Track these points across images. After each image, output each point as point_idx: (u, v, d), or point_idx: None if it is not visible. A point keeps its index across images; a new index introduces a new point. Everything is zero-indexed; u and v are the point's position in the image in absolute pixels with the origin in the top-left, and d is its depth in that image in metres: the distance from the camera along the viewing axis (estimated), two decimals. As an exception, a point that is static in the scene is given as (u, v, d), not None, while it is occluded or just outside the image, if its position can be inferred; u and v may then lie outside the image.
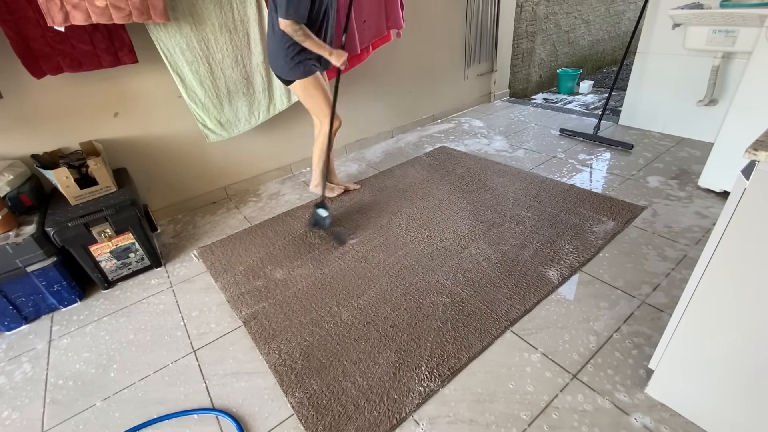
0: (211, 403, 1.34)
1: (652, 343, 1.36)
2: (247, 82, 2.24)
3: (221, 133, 2.29)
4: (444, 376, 1.32)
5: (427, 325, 1.52)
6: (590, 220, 2.01)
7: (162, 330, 1.66)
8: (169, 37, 1.91)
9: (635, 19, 2.94)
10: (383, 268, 1.83)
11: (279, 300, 1.72)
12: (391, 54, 3.08)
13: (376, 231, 2.12)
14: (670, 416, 1.15)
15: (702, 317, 0.99)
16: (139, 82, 2.13)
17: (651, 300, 1.55)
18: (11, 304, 1.69)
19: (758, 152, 0.75)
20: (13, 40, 1.64)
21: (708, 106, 2.56)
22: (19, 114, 1.88)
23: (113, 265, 1.90)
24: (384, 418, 1.22)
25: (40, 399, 1.42)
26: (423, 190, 2.48)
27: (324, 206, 2.11)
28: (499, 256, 1.83)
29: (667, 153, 2.64)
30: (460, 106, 3.86)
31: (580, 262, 1.75)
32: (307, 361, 1.43)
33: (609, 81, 4.82)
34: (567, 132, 3.08)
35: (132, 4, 1.65)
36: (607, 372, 1.30)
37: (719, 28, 2.22)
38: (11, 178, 1.74)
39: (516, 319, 1.51)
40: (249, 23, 2.10)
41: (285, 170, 2.91)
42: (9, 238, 1.61)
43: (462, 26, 3.48)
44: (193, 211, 2.57)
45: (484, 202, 2.28)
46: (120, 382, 1.44)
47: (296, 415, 1.25)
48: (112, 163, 2.13)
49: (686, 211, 2.03)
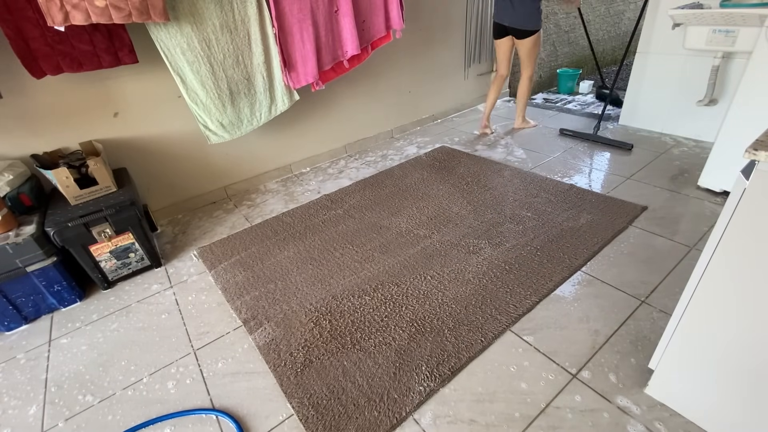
0: (210, 403, 1.34)
1: (651, 343, 1.36)
2: (249, 82, 2.24)
3: (223, 135, 2.29)
4: (444, 375, 1.32)
5: (428, 324, 1.52)
6: (590, 220, 2.01)
7: (162, 330, 1.66)
8: (169, 37, 1.91)
9: (635, 19, 2.95)
10: (383, 268, 1.83)
11: (279, 300, 1.72)
12: (391, 54, 3.08)
13: (376, 231, 2.12)
14: (670, 416, 1.15)
15: (702, 317, 0.99)
16: (139, 82, 2.13)
17: (651, 300, 1.55)
18: (11, 304, 1.69)
19: (758, 152, 0.75)
20: (13, 40, 1.64)
21: (708, 106, 2.56)
22: (19, 114, 1.88)
23: (113, 265, 1.90)
24: (384, 417, 1.22)
25: (40, 399, 1.42)
26: (423, 190, 2.48)
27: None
28: (499, 256, 1.83)
29: (667, 153, 2.64)
30: (460, 105, 3.86)
31: (580, 262, 1.75)
32: (307, 360, 1.43)
33: (609, 81, 4.82)
34: (567, 132, 3.07)
35: (132, 4, 1.65)
36: (606, 372, 1.30)
37: (719, 28, 2.22)
38: (11, 178, 1.74)
39: (516, 318, 1.51)
40: (250, 23, 2.10)
41: (285, 170, 2.91)
42: (9, 238, 1.61)
43: (462, 26, 3.48)
44: (193, 211, 2.57)
45: (484, 201, 2.28)
46: (120, 382, 1.45)
47: (296, 415, 1.25)
48: (112, 163, 2.13)
49: (686, 211, 2.03)
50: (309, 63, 2.33)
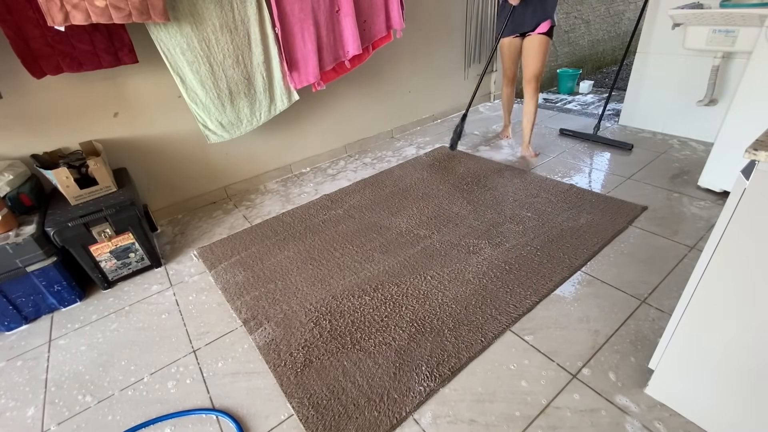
0: (210, 403, 1.34)
1: (651, 343, 1.36)
2: (248, 82, 2.24)
3: (222, 135, 2.29)
4: (444, 375, 1.32)
5: (428, 324, 1.52)
6: (590, 220, 2.01)
7: (162, 330, 1.66)
8: (169, 37, 1.91)
9: (635, 19, 2.94)
10: (383, 268, 1.83)
11: (279, 300, 1.72)
12: (391, 54, 3.08)
13: (376, 231, 2.12)
14: (670, 416, 1.15)
15: (702, 317, 0.99)
16: (139, 82, 2.13)
17: (651, 300, 1.55)
18: (11, 304, 1.69)
19: (758, 152, 0.75)
20: (13, 40, 1.64)
21: (708, 106, 2.56)
22: (19, 114, 1.88)
23: (113, 265, 1.90)
24: (384, 417, 1.22)
25: (40, 399, 1.42)
26: (423, 190, 2.48)
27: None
28: (499, 256, 1.83)
29: (667, 153, 2.64)
30: (461, 106, 3.85)
31: (580, 262, 1.75)
32: (307, 360, 1.43)
33: (609, 81, 4.82)
34: (567, 132, 3.07)
35: (132, 4, 1.65)
36: (606, 372, 1.30)
37: (719, 28, 2.22)
38: (11, 178, 1.74)
39: (516, 318, 1.51)
40: (249, 23, 2.10)
41: (285, 170, 2.91)
42: (9, 238, 1.61)
43: (462, 26, 3.48)
44: (193, 211, 2.57)
45: (484, 201, 2.28)
46: (120, 382, 1.44)
47: (296, 415, 1.25)
48: (112, 163, 2.13)
49: (686, 211, 2.03)
50: (310, 63, 2.33)
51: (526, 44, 2.48)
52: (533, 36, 2.42)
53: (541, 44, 2.41)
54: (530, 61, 2.48)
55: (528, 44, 2.47)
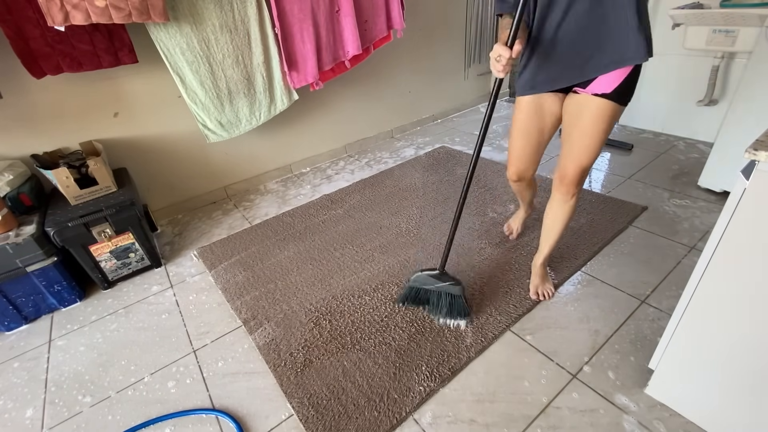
0: (211, 403, 1.34)
1: (651, 343, 1.36)
2: (248, 82, 2.24)
3: (222, 134, 2.29)
4: (444, 375, 1.32)
5: (428, 324, 1.52)
6: (590, 220, 2.01)
7: (162, 330, 1.65)
8: (169, 37, 1.91)
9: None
10: (383, 268, 1.83)
11: (279, 300, 1.72)
12: (391, 54, 3.08)
13: (376, 231, 2.12)
14: (670, 416, 1.15)
15: (702, 317, 0.99)
16: (139, 82, 2.13)
17: (651, 300, 1.55)
18: (11, 304, 1.69)
19: (758, 152, 0.75)
20: (12, 40, 1.64)
21: (708, 106, 2.56)
22: (19, 114, 1.88)
23: (113, 265, 1.90)
24: (384, 417, 1.22)
25: (40, 399, 1.41)
26: (423, 190, 2.48)
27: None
28: (500, 256, 1.83)
29: (667, 153, 2.64)
30: (461, 106, 3.86)
31: (580, 262, 1.75)
32: (307, 360, 1.43)
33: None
34: (567, 132, 3.06)
35: (132, 4, 1.65)
36: (606, 372, 1.30)
37: (719, 28, 2.22)
38: (11, 178, 1.74)
39: (516, 318, 1.51)
40: (249, 23, 2.10)
41: (285, 170, 2.91)
42: (9, 238, 1.61)
43: (462, 26, 3.48)
44: (193, 211, 2.57)
45: (484, 201, 2.28)
46: (120, 382, 1.44)
47: (296, 415, 1.25)
48: (112, 163, 2.13)
49: (686, 211, 2.03)
50: (309, 63, 2.33)
51: (572, 112, 1.26)
52: (588, 98, 1.20)
53: (604, 117, 1.19)
54: (578, 147, 1.25)
55: (575, 112, 1.24)
